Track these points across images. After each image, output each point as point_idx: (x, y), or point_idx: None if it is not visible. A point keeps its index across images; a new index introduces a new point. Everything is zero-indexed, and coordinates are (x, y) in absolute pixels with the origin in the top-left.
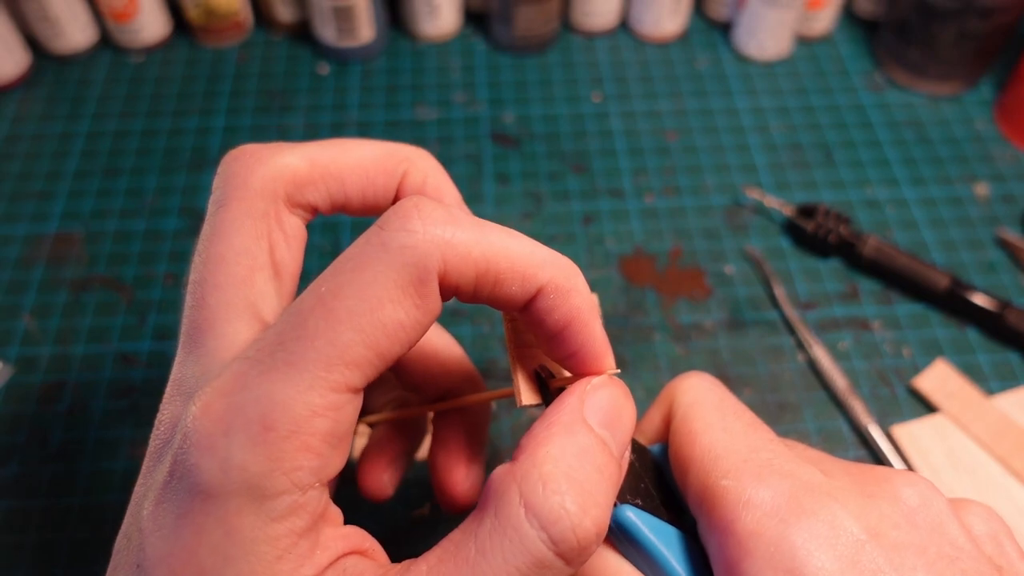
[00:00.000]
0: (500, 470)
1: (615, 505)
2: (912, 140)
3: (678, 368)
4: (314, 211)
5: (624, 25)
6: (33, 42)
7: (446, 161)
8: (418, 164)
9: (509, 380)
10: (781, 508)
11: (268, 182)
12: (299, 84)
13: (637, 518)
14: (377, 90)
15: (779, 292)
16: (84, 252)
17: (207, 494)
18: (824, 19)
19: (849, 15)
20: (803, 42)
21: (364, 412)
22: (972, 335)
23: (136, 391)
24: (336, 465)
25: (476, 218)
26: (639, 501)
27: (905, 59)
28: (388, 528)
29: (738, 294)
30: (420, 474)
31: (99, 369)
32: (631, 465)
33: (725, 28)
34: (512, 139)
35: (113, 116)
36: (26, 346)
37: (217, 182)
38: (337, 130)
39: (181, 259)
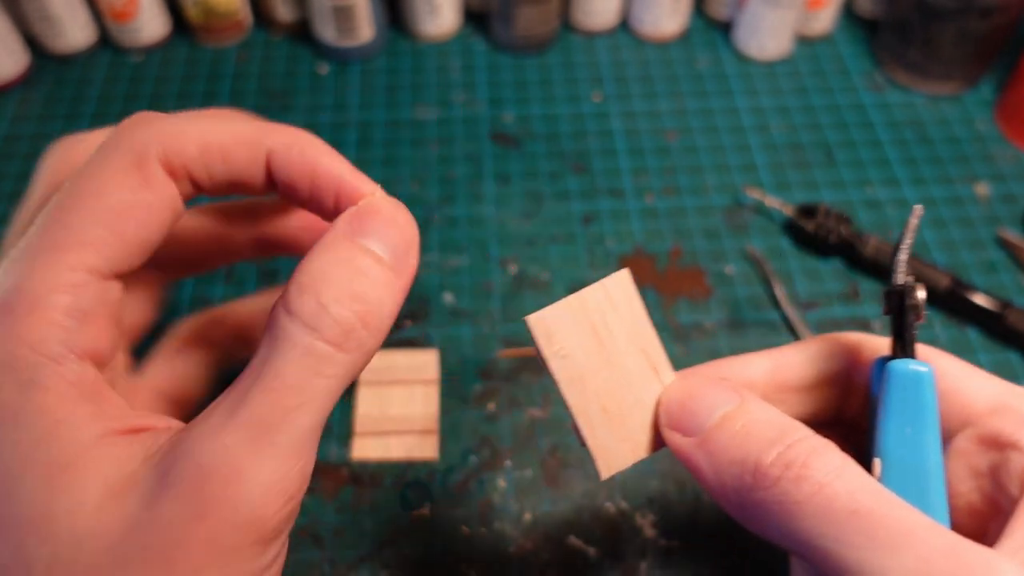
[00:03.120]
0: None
1: (885, 359)
2: (913, 140)
3: (679, 368)
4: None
5: (624, 25)
6: (32, 42)
7: (446, 161)
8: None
9: (514, 382)
10: None
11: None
12: (299, 84)
13: (929, 373)
14: (377, 90)
15: (779, 292)
16: None
17: None
18: (824, 19)
19: (849, 15)
20: (803, 42)
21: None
22: (973, 335)
23: None
24: (91, 339)
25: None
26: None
27: (905, 59)
28: (388, 528)
29: (738, 294)
30: (419, 474)
31: None
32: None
33: (725, 28)
34: (512, 139)
35: (112, 116)
36: None
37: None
38: (337, 129)
39: None
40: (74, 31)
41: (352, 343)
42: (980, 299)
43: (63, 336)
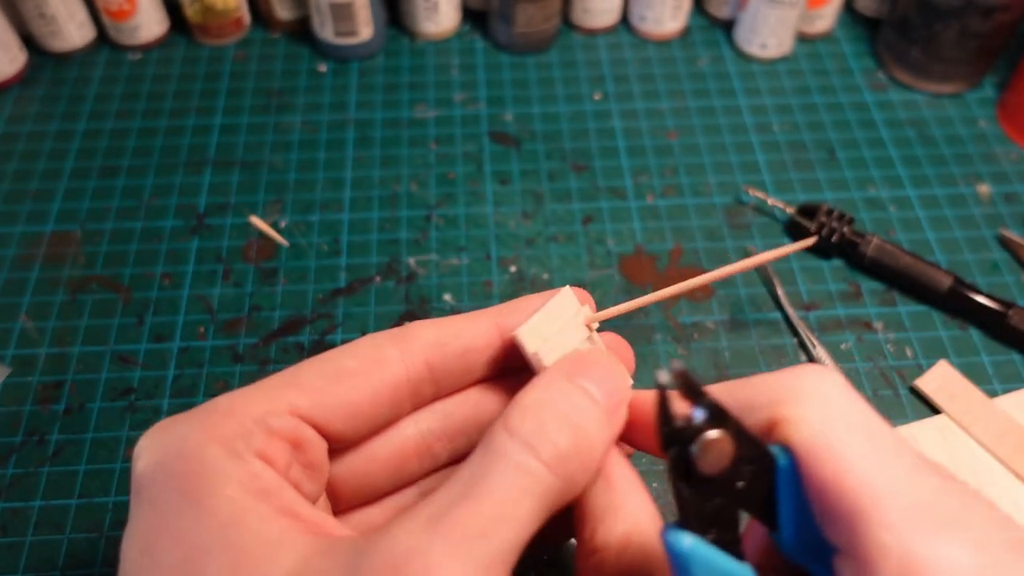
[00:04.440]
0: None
1: (668, 525)
2: (915, 139)
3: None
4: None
5: (625, 23)
6: (30, 40)
7: (445, 160)
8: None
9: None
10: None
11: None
12: (297, 83)
13: (691, 550)
14: (376, 89)
15: (781, 292)
16: (81, 252)
17: None
18: (826, 17)
19: (851, 13)
20: (805, 40)
21: None
22: (975, 336)
23: (133, 391)
24: (276, 451)
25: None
26: (713, 533)
27: (907, 58)
28: None
29: (740, 294)
30: None
31: (96, 369)
32: (730, 490)
33: (726, 26)
34: (512, 138)
35: (110, 115)
36: (23, 346)
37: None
38: (335, 128)
39: (179, 259)
40: (71, 29)
41: (564, 469)
42: (983, 299)
43: (247, 438)
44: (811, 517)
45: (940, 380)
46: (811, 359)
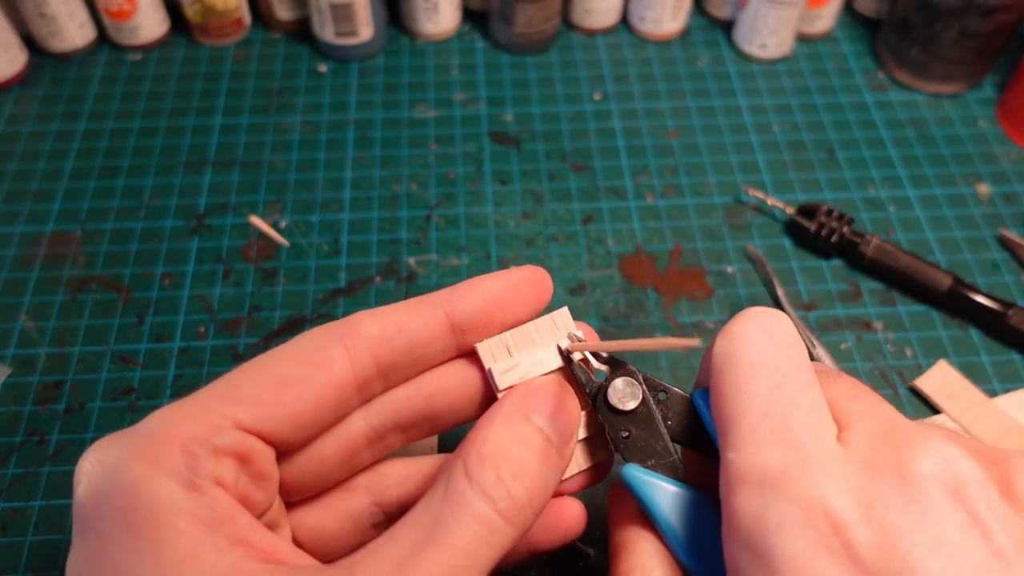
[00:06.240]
0: (448, 457)
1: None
2: (914, 139)
3: (679, 368)
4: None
5: (625, 23)
6: (30, 40)
7: (445, 160)
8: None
9: None
10: (768, 484)
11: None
12: (297, 83)
13: (641, 476)
14: (376, 89)
15: (781, 292)
16: (81, 252)
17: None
18: (826, 17)
19: (851, 13)
20: (805, 40)
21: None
22: (975, 335)
23: (134, 391)
24: (226, 472)
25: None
26: (652, 462)
27: (907, 58)
28: None
29: (740, 294)
30: None
31: (97, 369)
32: (650, 423)
33: (726, 26)
34: (512, 138)
35: (110, 115)
36: (23, 346)
37: None
38: (336, 129)
39: (179, 259)
40: (71, 30)
41: (519, 518)
42: (982, 299)
43: (196, 466)
44: None
45: (939, 380)
46: (812, 358)
